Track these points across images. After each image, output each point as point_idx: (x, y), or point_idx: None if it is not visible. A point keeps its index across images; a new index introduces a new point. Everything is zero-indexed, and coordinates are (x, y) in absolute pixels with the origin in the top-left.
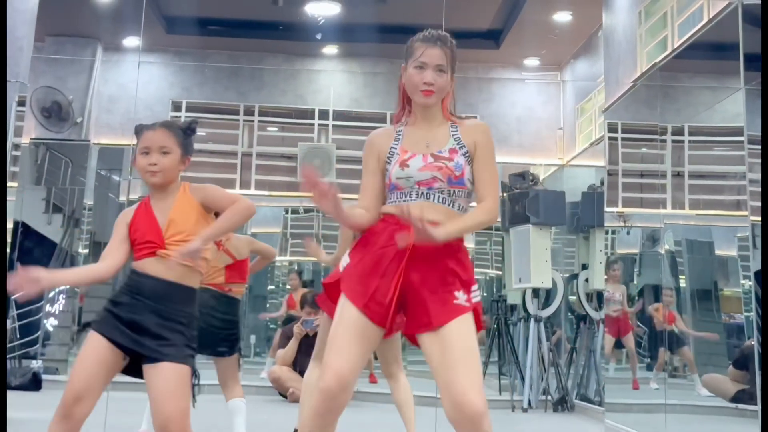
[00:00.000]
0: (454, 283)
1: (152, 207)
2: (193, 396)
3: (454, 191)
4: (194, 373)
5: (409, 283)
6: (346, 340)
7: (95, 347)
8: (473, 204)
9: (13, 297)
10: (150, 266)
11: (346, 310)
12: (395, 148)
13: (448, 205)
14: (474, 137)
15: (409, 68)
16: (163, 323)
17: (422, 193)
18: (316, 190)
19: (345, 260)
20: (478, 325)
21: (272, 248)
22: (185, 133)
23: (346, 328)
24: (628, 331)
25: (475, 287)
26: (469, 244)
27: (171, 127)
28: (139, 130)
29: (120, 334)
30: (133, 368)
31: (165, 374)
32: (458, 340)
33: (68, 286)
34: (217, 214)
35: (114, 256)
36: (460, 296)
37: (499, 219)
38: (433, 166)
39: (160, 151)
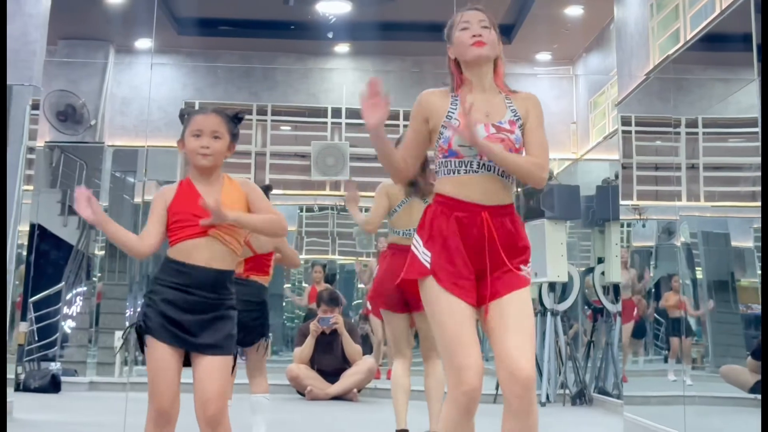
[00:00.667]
0: (517, 250)
1: (197, 189)
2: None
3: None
4: (236, 355)
5: (489, 263)
6: (467, 335)
7: (165, 357)
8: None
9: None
10: (196, 253)
11: (455, 304)
12: (453, 113)
13: (506, 178)
14: (526, 106)
15: (455, 34)
16: (214, 313)
17: (483, 164)
18: (372, 99)
19: (423, 253)
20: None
21: (297, 257)
22: (233, 121)
23: (462, 322)
24: (627, 320)
25: (529, 263)
26: None
27: (222, 113)
28: (187, 114)
29: (174, 338)
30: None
31: (210, 365)
32: (517, 309)
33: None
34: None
35: (153, 236)
36: (524, 269)
37: None
38: (496, 137)
39: (212, 135)
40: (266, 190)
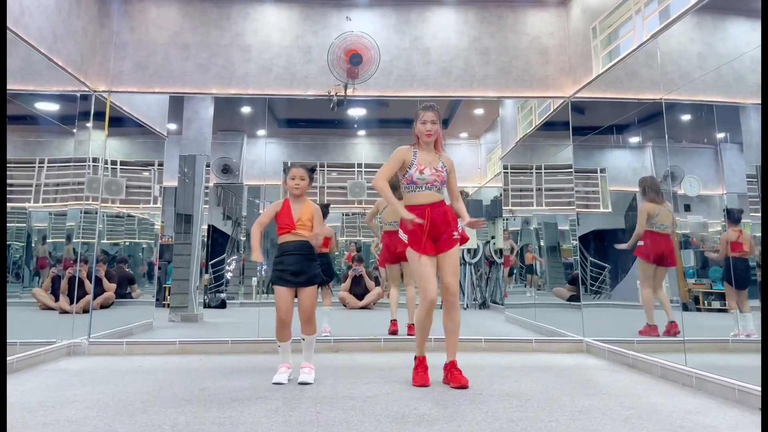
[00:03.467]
0: (451, 226)
1: (291, 207)
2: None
3: (440, 187)
4: (322, 283)
5: (434, 232)
6: (428, 273)
7: (284, 292)
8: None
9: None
10: (287, 239)
11: (424, 258)
12: (414, 161)
13: (437, 191)
14: (448, 165)
15: (417, 124)
16: (302, 262)
17: (428, 187)
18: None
19: (403, 236)
20: (464, 239)
21: (334, 244)
22: (310, 171)
23: (425, 266)
24: (508, 265)
25: (459, 226)
26: None
27: (304, 167)
28: (287, 167)
29: (287, 282)
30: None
31: (305, 292)
32: (451, 258)
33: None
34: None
35: (265, 222)
36: (455, 234)
37: None
38: (435, 174)
39: (300, 178)
40: (326, 206)
